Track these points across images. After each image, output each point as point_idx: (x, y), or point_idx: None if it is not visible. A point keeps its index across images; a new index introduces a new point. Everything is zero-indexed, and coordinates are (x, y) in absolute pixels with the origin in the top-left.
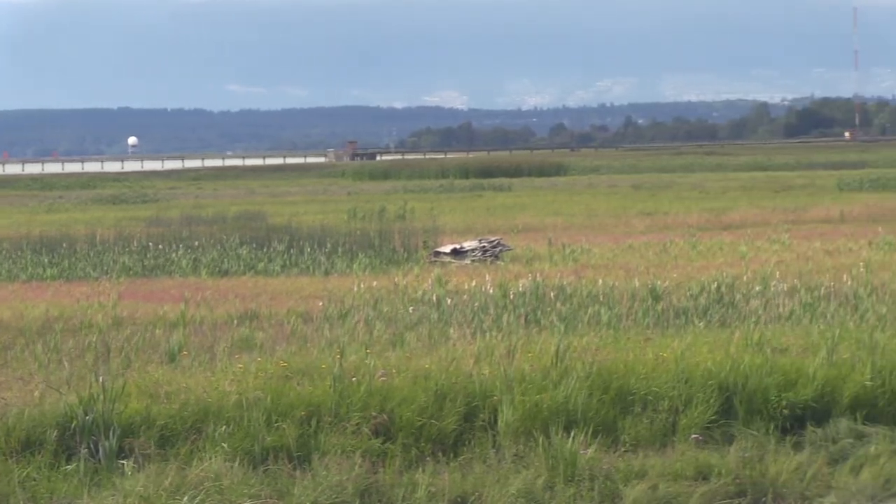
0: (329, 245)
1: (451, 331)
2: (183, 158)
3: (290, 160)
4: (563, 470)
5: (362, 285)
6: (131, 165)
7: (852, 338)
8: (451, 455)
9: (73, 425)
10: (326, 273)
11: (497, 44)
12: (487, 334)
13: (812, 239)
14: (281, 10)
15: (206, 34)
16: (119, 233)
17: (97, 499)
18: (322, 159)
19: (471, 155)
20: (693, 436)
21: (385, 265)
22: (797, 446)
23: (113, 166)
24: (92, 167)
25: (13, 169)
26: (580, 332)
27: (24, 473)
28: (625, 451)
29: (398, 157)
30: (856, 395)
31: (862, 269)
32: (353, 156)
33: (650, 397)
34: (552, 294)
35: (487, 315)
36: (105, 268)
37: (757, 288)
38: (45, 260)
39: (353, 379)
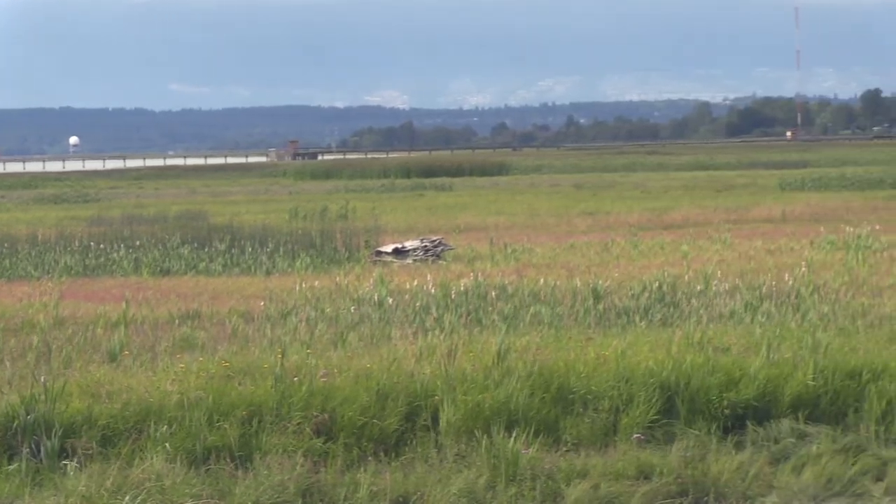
0: (270, 245)
1: (393, 330)
2: (124, 158)
3: (232, 160)
4: (505, 469)
5: (304, 285)
6: (73, 165)
7: (794, 337)
8: (393, 455)
9: (14, 425)
10: (268, 273)
11: (439, 43)
12: (429, 334)
13: (754, 238)
14: (223, 10)
15: (148, 34)
16: (60, 232)
17: (39, 499)
18: (264, 159)
19: (412, 154)
20: (635, 435)
21: (327, 265)
22: (739, 446)
23: (54, 166)
24: (33, 167)
25: None
26: (522, 332)
27: None
28: (566, 451)
29: (340, 156)
30: (798, 395)
31: (804, 269)
32: (295, 155)
33: (591, 397)
34: (494, 293)
35: (429, 315)
36: (46, 267)
37: (698, 287)
38: None
39: (295, 379)
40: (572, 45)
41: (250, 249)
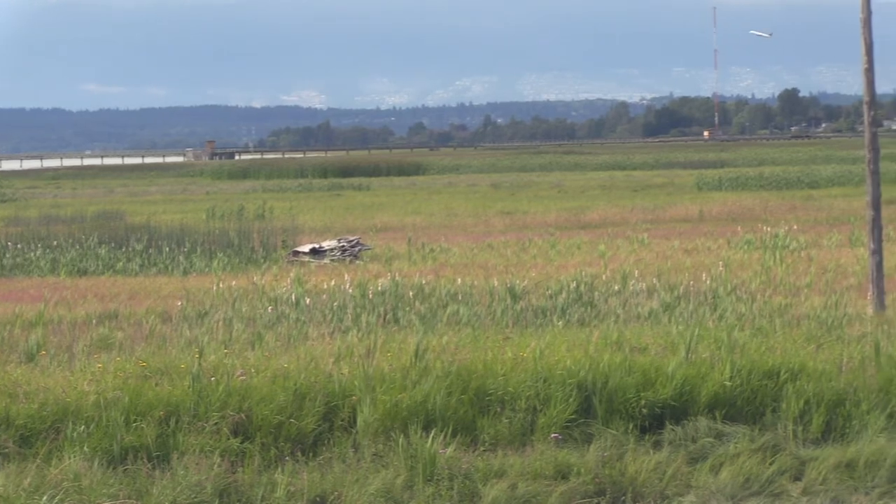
0: (188, 244)
1: (310, 330)
2: (41, 158)
3: (149, 160)
4: (423, 469)
5: (221, 285)
6: None
7: (711, 337)
8: (311, 454)
9: None
10: (185, 272)
11: (356, 43)
12: (347, 334)
13: (671, 238)
14: (140, 9)
15: (65, 34)
16: None
17: None
18: (181, 159)
19: (329, 154)
20: (552, 435)
21: (244, 265)
22: (656, 445)
23: None
24: None
25: None
26: (439, 332)
27: None
28: (484, 451)
29: (257, 156)
30: (715, 395)
31: (721, 269)
32: (212, 155)
33: (509, 396)
34: (411, 293)
35: (346, 314)
36: None
37: (616, 287)
38: None
39: (212, 378)
40: (489, 44)
41: (167, 249)
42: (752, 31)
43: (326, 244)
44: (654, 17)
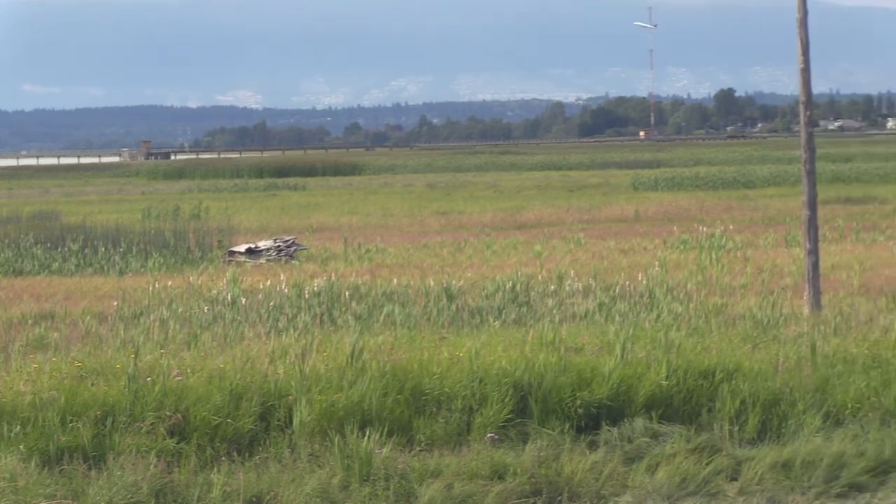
0: (124, 244)
1: (246, 330)
2: None
3: (85, 160)
4: (359, 469)
5: (157, 285)
6: None
7: (648, 337)
8: (247, 455)
9: None
10: (121, 273)
11: (292, 43)
12: (283, 334)
13: (607, 238)
14: (75, 10)
15: (0, 34)
16: None
17: None
18: (116, 159)
19: (265, 154)
20: (488, 435)
21: (180, 265)
22: (592, 445)
23: None
24: None
25: None
26: (375, 332)
27: None
28: (420, 451)
29: (193, 156)
30: (651, 395)
31: (657, 269)
32: (148, 155)
33: (445, 397)
34: (347, 293)
35: (283, 314)
36: None
37: (552, 287)
38: None
39: (148, 379)
40: (426, 44)
41: (103, 249)
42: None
43: (262, 244)
44: (589, 18)
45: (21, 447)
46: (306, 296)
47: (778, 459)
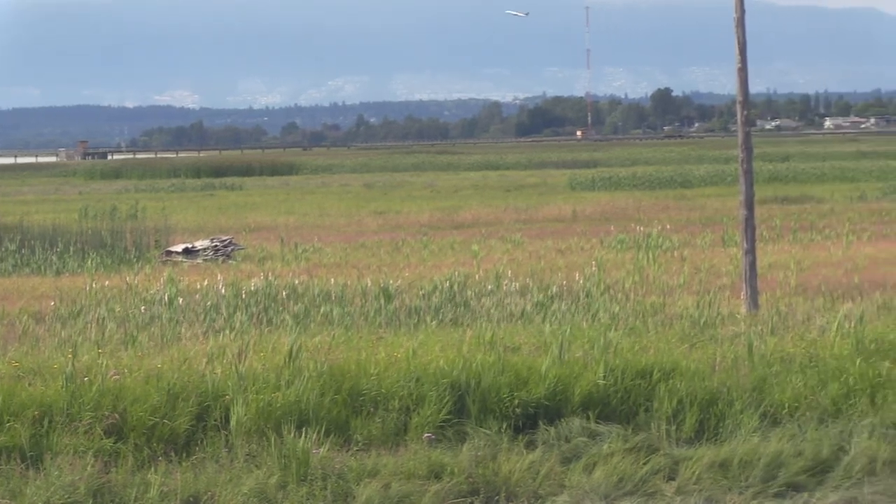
0: (61, 244)
1: (184, 330)
2: None
3: (22, 160)
4: (296, 469)
5: (94, 285)
6: None
7: (585, 336)
8: (184, 455)
9: None
10: (58, 272)
11: (229, 43)
12: (220, 334)
13: (544, 238)
14: (9, 9)
15: None
16: None
17: None
18: (53, 159)
19: (202, 154)
20: (425, 435)
21: (117, 265)
22: (530, 445)
23: None
24: None
25: None
26: (313, 332)
27: None
28: (357, 451)
29: (130, 156)
30: (588, 394)
31: (594, 268)
32: (85, 155)
33: (382, 396)
34: (284, 293)
35: (220, 314)
36: None
37: (489, 287)
38: None
39: (86, 379)
40: (363, 44)
41: (40, 249)
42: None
43: (199, 244)
44: (527, 18)
45: None
46: (243, 296)
47: (715, 459)
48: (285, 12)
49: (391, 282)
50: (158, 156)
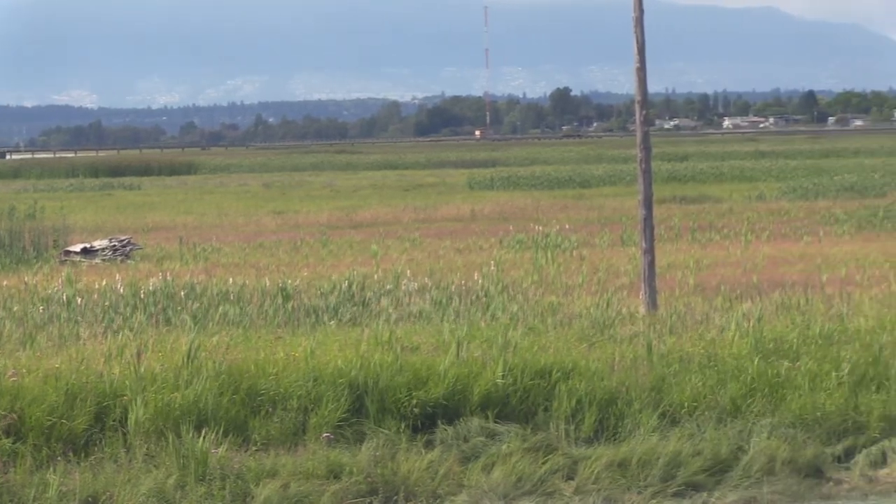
0: None
1: (82, 330)
2: None
3: None
4: (195, 469)
5: None
6: None
7: (484, 336)
8: (83, 455)
9: None
10: None
11: (127, 42)
12: (118, 334)
13: (443, 237)
14: None
15: None
16: None
17: None
18: None
19: (101, 154)
20: (324, 435)
21: (15, 264)
22: (429, 445)
23: None
24: None
25: None
26: (211, 332)
27: None
28: (256, 451)
29: (28, 155)
30: (487, 394)
31: (493, 268)
32: None
33: (281, 396)
34: (183, 293)
35: (118, 314)
36: None
37: (388, 286)
38: None
39: None
40: (261, 43)
41: None
42: None
43: (98, 244)
44: (425, 18)
45: None
46: (142, 295)
47: (614, 458)
48: (184, 11)
49: (290, 281)
50: (57, 155)
